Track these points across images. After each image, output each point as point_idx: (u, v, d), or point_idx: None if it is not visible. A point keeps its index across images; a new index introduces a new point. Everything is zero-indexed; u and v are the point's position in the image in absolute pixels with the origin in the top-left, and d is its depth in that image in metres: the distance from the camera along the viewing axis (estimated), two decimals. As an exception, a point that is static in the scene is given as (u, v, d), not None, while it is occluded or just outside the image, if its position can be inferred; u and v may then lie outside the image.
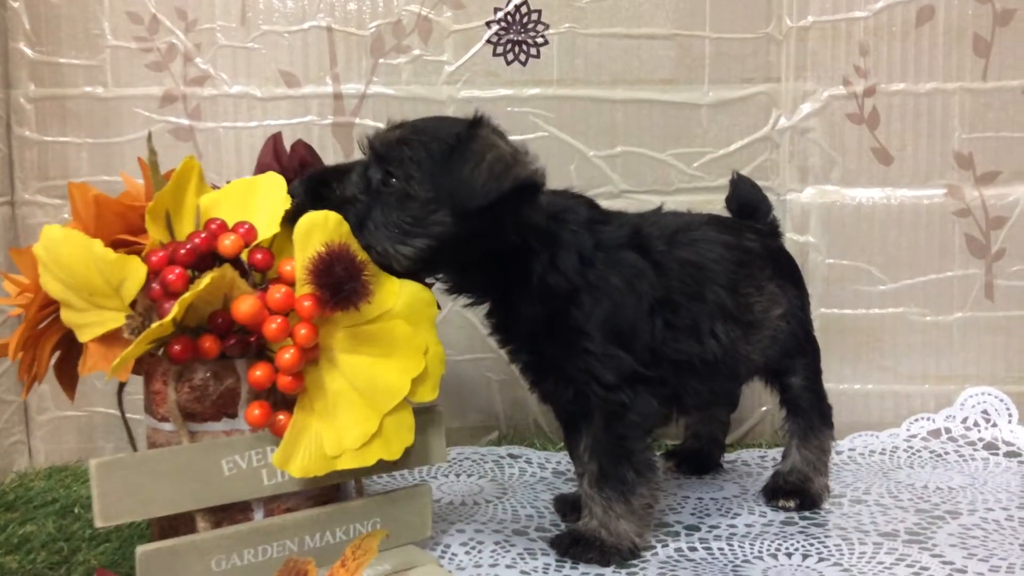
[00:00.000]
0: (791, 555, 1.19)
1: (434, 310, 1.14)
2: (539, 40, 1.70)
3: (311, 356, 1.06)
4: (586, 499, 1.20)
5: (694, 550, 1.22)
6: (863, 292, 1.74)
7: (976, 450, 1.62)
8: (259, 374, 1.03)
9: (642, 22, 1.70)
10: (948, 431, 1.69)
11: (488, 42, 1.70)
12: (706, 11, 1.70)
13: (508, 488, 1.47)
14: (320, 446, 1.06)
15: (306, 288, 1.04)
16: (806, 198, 1.73)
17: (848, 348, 1.74)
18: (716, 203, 1.58)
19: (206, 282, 0.98)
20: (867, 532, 1.26)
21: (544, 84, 1.71)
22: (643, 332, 1.18)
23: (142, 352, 1.00)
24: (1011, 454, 1.60)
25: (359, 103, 1.69)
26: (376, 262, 1.09)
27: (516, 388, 1.72)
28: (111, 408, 1.67)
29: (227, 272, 1.01)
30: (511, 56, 1.70)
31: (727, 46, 1.71)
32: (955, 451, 1.62)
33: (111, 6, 1.64)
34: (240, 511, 1.08)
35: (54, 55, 1.64)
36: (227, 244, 1.06)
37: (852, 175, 1.73)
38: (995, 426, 1.68)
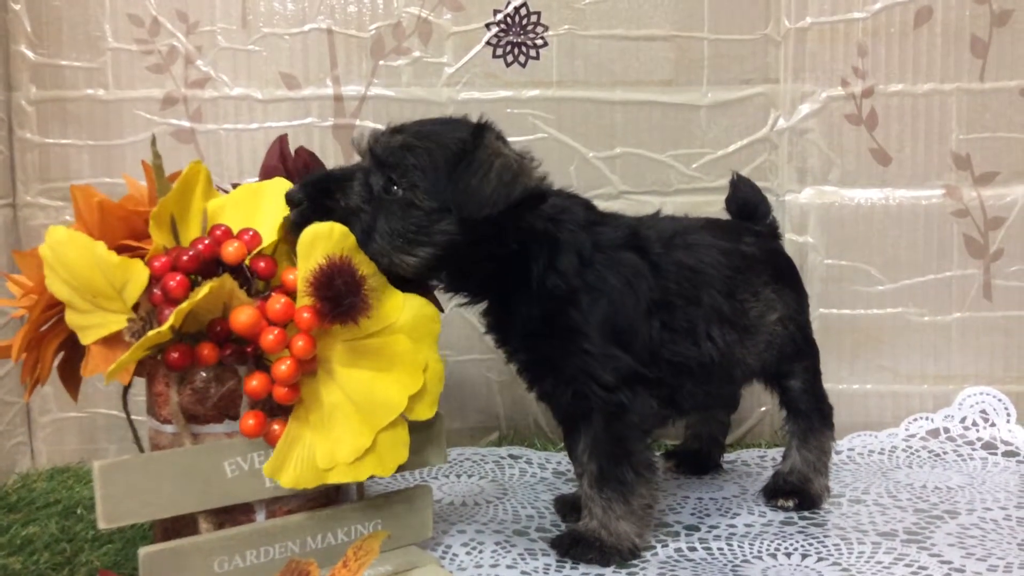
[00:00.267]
0: (790, 555, 1.20)
1: (437, 326, 1.13)
2: (538, 42, 1.71)
3: (308, 368, 1.05)
4: (586, 499, 1.20)
5: (694, 550, 1.22)
6: (862, 292, 1.74)
7: (974, 450, 1.63)
8: (255, 384, 1.03)
9: (641, 23, 1.71)
10: (947, 431, 1.70)
11: (488, 44, 1.70)
12: (705, 12, 1.70)
13: (508, 489, 1.48)
14: (312, 457, 1.05)
15: (306, 299, 1.03)
16: (805, 199, 1.74)
17: (847, 348, 1.74)
18: (715, 204, 1.59)
19: (204, 292, 0.97)
20: (866, 532, 1.27)
21: (543, 85, 1.71)
22: (641, 332, 1.19)
23: (139, 357, 1.00)
24: (1009, 454, 1.60)
25: (359, 105, 1.70)
26: (382, 270, 1.09)
27: (516, 389, 1.73)
28: (113, 409, 1.68)
29: (226, 282, 1.00)
30: (511, 58, 1.71)
31: (726, 47, 1.71)
32: (954, 451, 1.63)
33: (112, 8, 1.65)
34: (242, 512, 1.08)
35: (55, 57, 1.65)
36: (230, 251, 1.06)
37: (850, 176, 1.73)
38: (993, 426, 1.69)
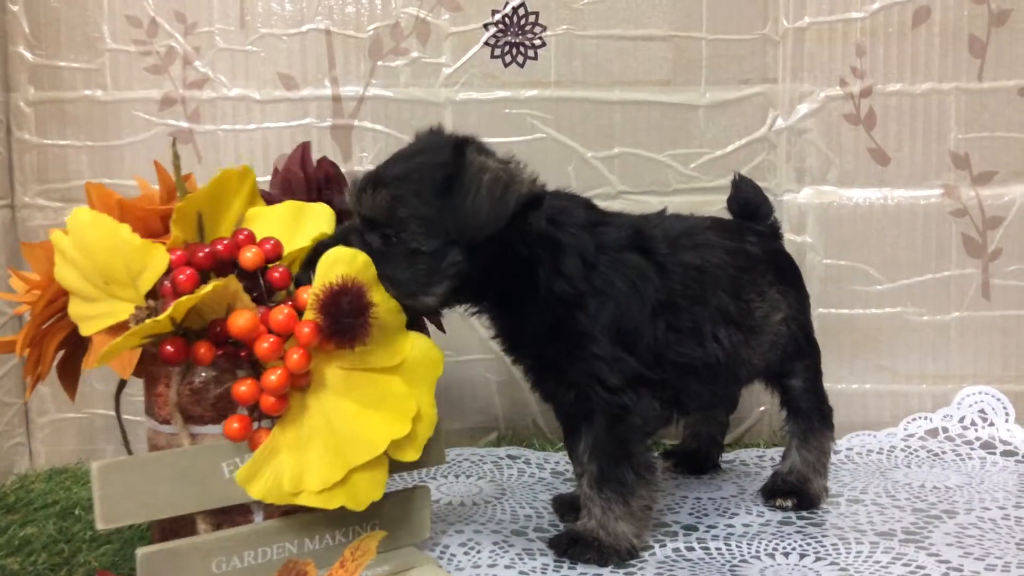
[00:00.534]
0: (788, 555, 1.20)
1: (438, 371, 1.12)
2: (537, 42, 1.71)
3: (300, 383, 1.04)
4: (585, 500, 1.20)
5: (692, 550, 1.22)
6: (860, 292, 1.74)
7: (973, 449, 1.63)
8: (243, 390, 1.02)
9: (639, 23, 1.71)
10: (945, 430, 1.70)
11: (486, 44, 1.70)
12: (703, 12, 1.70)
13: (507, 489, 1.48)
14: (282, 476, 1.03)
15: (311, 315, 1.03)
16: (803, 198, 1.74)
17: (845, 348, 1.74)
18: (713, 204, 1.59)
19: (207, 289, 0.97)
20: (864, 531, 1.26)
21: (542, 86, 1.71)
22: (646, 334, 1.18)
23: (135, 345, 1.00)
24: (1008, 453, 1.60)
25: (358, 105, 1.70)
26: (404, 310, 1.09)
27: (515, 389, 1.73)
28: (111, 410, 1.66)
29: (231, 283, 1.00)
30: (509, 58, 1.71)
31: (724, 47, 1.71)
32: (952, 450, 1.63)
33: (110, 9, 1.65)
34: (240, 513, 1.08)
35: (53, 58, 1.65)
36: (248, 256, 1.06)
37: (849, 175, 1.73)
38: (992, 425, 1.69)
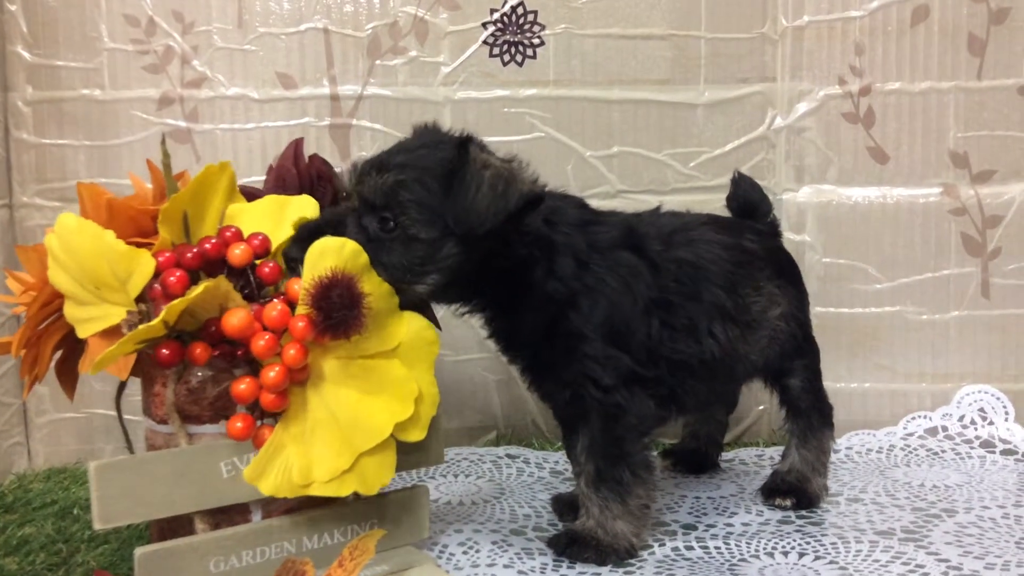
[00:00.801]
0: (787, 554, 1.20)
1: (435, 350, 1.11)
2: (535, 41, 1.70)
3: (298, 377, 1.04)
4: (583, 499, 1.20)
5: (691, 549, 1.22)
6: (859, 291, 1.74)
7: (973, 448, 1.63)
8: (243, 388, 1.02)
9: (638, 22, 1.71)
10: (945, 429, 1.69)
11: (484, 43, 1.70)
12: (702, 11, 1.70)
13: (506, 488, 1.48)
14: (291, 470, 1.03)
15: (304, 309, 1.02)
16: (802, 197, 1.74)
17: (845, 347, 1.74)
18: (712, 203, 1.59)
19: (199, 291, 0.97)
20: (863, 530, 1.26)
21: (540, 85, 1.71)
22: (639, 331, 1.18)
23: (129, 351, 1.00)
24: (1008, 452, 1.60)
25: (356, 104, 1.70)
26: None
27: (514, 388, 1.73)
28: (110, 410, 1.66)
29: (221, 283, 1.00)
30: (507, 57, 1.70)
31: (723, 46, 1.71)
32: (952, 449, 1.63)
33: (108, 9, 1.65)
34: (238, 513, 1.08)
35: (51, 58, 1.64)
36: (237, 253, 1.06)
37: (848, 174, 1.73)
38: (992, 424, 1.69)
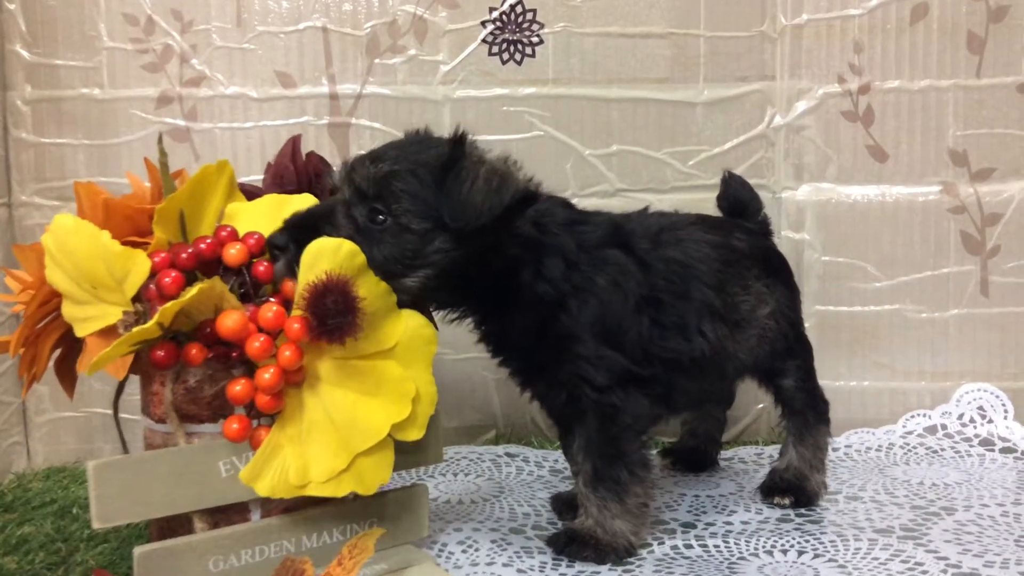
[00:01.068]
0: (786, 552, 1.20)
1: (433, 348, 1.10)
2: (534, 39, 1.70)
3: (294, 379, 1.04)
4: (582, 498, 1.20)
5: (690, 547, 1.22)
6: (859, 289, 1.74)
7: (972, 446, 1.63)
8: (238, 389, 1.01)
9: (637, 21, 1.71)
10: (944, 427, 1.69)
11: (483, 42, 1.70)
12: (701, 10, 1.70)
13: (505, 487, 1.48)
14: (287, 471, 1.03)
15: (299, 311, 1.02)
16: (801, 196, 1.73)
17: (844, 345, 1.74)
18: (711, 201, 1.58)
19: (193, 292, 0.97)
20: (862, 528, 1.26)
21: (539, 83, 1.71)
22: (631, 330, 1.18)
23: (124, 353, 1.00)
24: (1007, 450, 1.60)
25: (355, 103, 1.70)
26: None
27: (513, 387, 1.71)
28: (109, 409, 1.66)
29: (216, 285, 1.00)
30: (506, 56, 1.70)
31: (722, 44, 1.71)
32: (951, 447, 1.63)
33: (107, 8, 1.65)
34: (237, 512, 1.08)
35: (50, 57, 1.64)
36: (232, 253, 1.06)
37: (847, 172, 1.73)
38: (991, 422, 1.69)
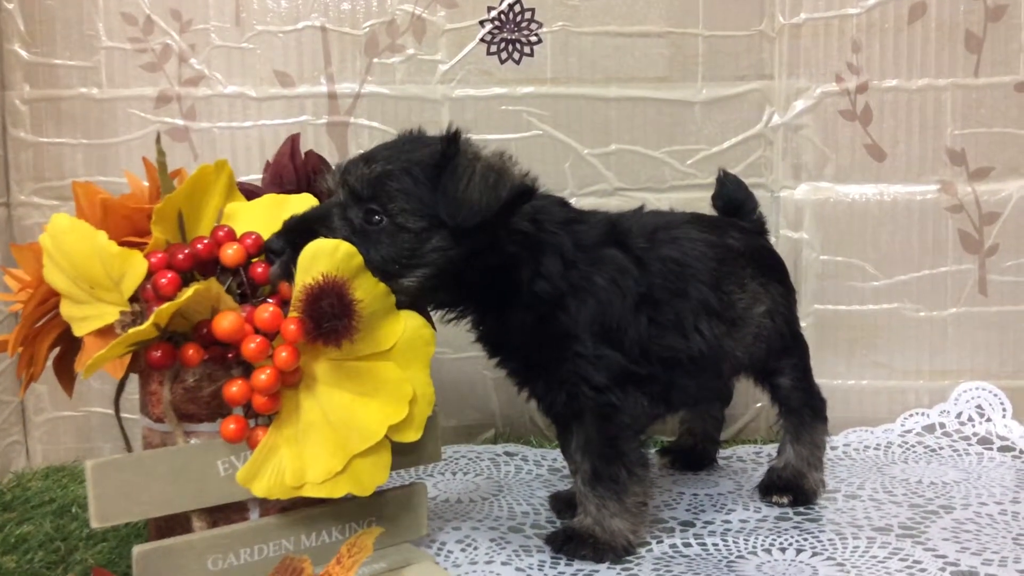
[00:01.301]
0: (785, 550, 1.20)
1: (431, 349, 1.10)
2: (532, 39, 1.70)
3: (291, 380, 1.04)
4: (580, 497, 1.20)
5: (689, 546, 1.22)
6: (857, 288, 1.74)
7: (970, 445, 1.63)
8: (235, 390, 1.01)
9: (635, 20, 1.71)
10: (942, 426, 1.70)
11: (482, 41, 1.70)
12: (699, 9, 1.70)
13: (504, 486, 1.48)
14: (283, 472, 1.03)
15: (296, 312, 1.02)
16: (800, 195, 1.74)
17: (842, 344, 1.75)
18: (709, 200, 1.58)
19: (188, 294, 0.97)
20: (861, 527, 1.27)
21: (538, 82, 1.71)
22: (629, 328, 1.18)
23: (120, 354, 1.00)
24: (1005, 448, 1.60)
25: (354, 102, 1.70)
26: None
27: (512, 386, 1.71)
28: (108, 408, 1.67)
29: (212, 286, 1.00)
30: (505, 55, 1.71)
31: (720, 44, 1.71)
32: (949, 446, 1.63)
33: (105, 7, 1.65)
34: (236, 511, 1.08)
35: (49, 56, 1.64)
36: (229, 253, 1.06)
37: (845, 171, 1.73)
38: (989, 421, 1.69)
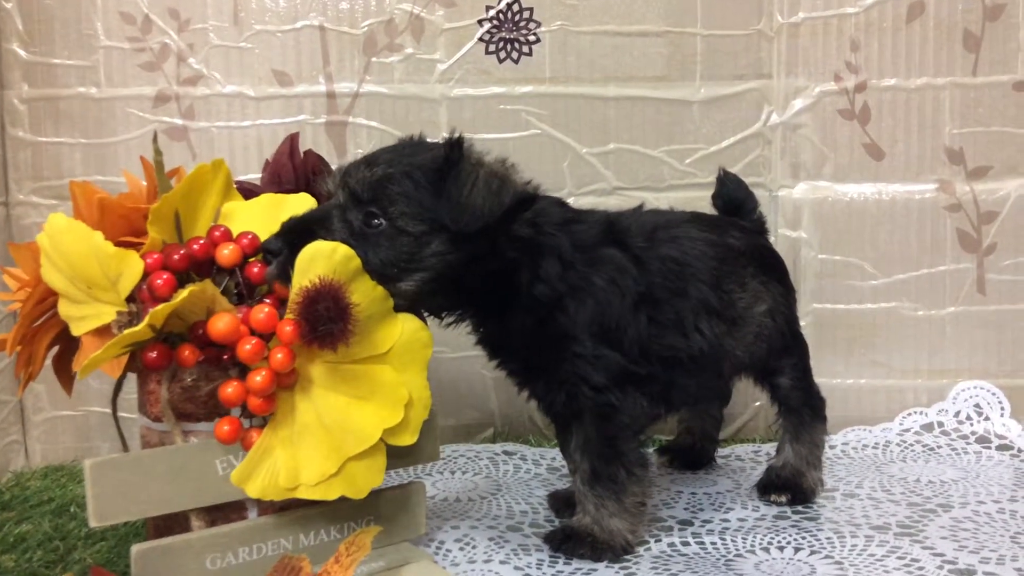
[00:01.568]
0: (783, 549, 1.20)
1: (429, 351, 1.10)
2: (531, 38, 1.70)
3: (286, 381, 1.03)
4: (579, 496, 1.21)
5: (687, 545, 1.22)
6: (855, 287, 1.74)
7: (968, 444, 1.63)
8: (230, 391, 1.01)
9: (634, 19, 1.71)
10: (941, 425, 1.70)
11: (480, 40, 1.70)
12: (698, 8, 1.70)
13: (502, 485, 1.48)
14: (278, 473, 1.03)
15: (292, 315, 1.01)
16: (798, 194, 1.74)
17: (841, 343, 1.75)
18: (708, 200, 1.58)
19: (183, 296, 0.96)
20: (859, 525, 1.27)
21: (536, 82, 1.71)
22: (629, 328, 1.18)
23: (115, 355, 0.99)
24: (1003, 447, 1.61)
25: (352, 102, 1.70)
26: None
27: (511, 385, 1.71)
28: (107, 408, 1.67)
29: (207, 287, 0.99)
30: (503, 54, 1.71)
31: (719, 43, 1.71)
32: (948, 445, 1.63)
33: (104, 7, 1.65)
34: (234, 510, 1.08)
35: (47, 56, 1.64)
36: (225, 254, 1.06)
37: (844, 171, 1.73)
38: (987, 420, 1.69)
